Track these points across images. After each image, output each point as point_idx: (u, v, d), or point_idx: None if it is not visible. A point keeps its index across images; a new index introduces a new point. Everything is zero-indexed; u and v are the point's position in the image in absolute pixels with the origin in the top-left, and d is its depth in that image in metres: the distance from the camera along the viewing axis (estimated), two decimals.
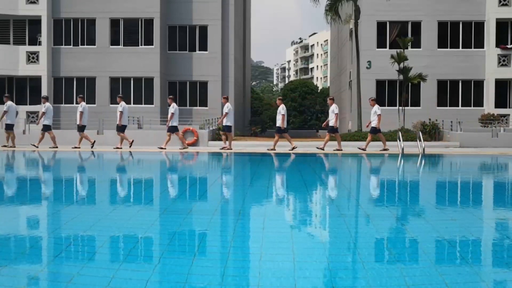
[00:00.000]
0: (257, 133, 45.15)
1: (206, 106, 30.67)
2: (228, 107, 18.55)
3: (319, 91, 71.72)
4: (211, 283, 3.30)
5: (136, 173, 11.90)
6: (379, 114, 17.84)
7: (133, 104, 29.76)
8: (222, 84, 31.05)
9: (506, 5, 29.29)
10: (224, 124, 18.63)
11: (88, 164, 14.38)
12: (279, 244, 4.34)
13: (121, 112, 18.52)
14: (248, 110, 46.68)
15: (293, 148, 17.99)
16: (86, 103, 29.52)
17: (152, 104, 28.98)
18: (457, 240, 4.60)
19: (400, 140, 16.64)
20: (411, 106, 29.17)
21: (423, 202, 7.14)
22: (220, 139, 24.98)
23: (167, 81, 30.82)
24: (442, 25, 30.01)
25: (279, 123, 18.01)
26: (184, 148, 19.02)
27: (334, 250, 4.29)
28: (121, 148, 18.31)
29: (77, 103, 20.05)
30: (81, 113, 18.69)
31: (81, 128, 18.72)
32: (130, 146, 18.36)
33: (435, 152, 17.79)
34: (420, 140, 16.93)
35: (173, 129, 18.62)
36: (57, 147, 18.47)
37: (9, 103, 18.91)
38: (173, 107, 18.58)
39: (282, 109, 18.06)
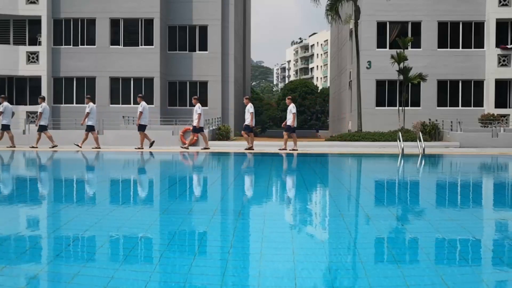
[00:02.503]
0: (257, 133, 45.16)
1: (206, 106, 30.65)
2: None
3: (319, 91, 71.77)
4: (211, 283, 3.30)
5: (137, 173, 11.90)
6: (294, 113, 17.91)
7: (133, 104, 29.76)
8: (222, 84, 31.06)
9: (506, 5, 29.29)
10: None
11: (92, 163, 14.37)
12: (274, 244, 4.33)
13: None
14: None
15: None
16: (86, 103, 29.69)
17: (152, 104, 28.96)
18: (457, 240, 4.60)
19: (400, 140, 16.64)
20: (411, 106, 29.18)
21: (423, 202, 7.14)
22: (220, 139, 25.01)
23: (167, 81, 30.83)
24: (442, 25, 30.02)
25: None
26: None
27: (334, 251, 4.29)
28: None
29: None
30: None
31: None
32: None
33: (435, 152, 17.79)
34: (420, 140, 16.93)
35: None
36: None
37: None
38: (89, 107, 18.54)
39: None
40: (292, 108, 17.98)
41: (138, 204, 6.77)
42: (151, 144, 18.13)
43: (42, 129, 18.64)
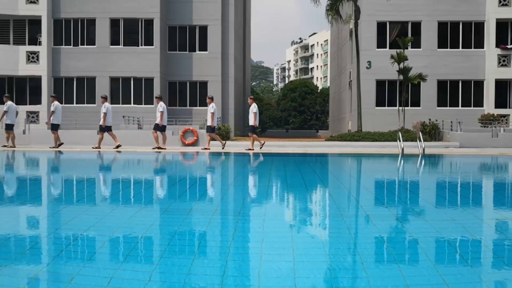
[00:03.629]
0: (257, 133, 45.13)
1: (206, 106, 30.63)
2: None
3: (319, 91, 71.74)
4: (211, 283, 3.30)
5: (141, 173, 11.90)
6: (255, 112, 18.01)
7: (133, 104, 29.77)
8: (222, 84, 31.06)
9: (506, 5, 29.29)
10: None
11: (95, 163, 14.37)
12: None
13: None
14: (248, 110, 46.67)
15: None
16: (86, 103, 29.75)
17: (152, 104, 28.94)
18: (457, 240, 4.60)
19: (400, 140, 16.64)
20: (411, 106, 29.18)
21: (423, 202, 7.14)
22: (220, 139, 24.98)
23: (167, 81, 30.83)
24: (442, 25, 30.02)
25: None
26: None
27: (334, 251, 4.29)
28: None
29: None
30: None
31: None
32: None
33: (435, 152, 17.79)
34: (420, 140, 16.93)
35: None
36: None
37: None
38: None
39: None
40: (253, 108, 18.17)
41: (129, 205, 6.77)
42: (117, 146, 18.04)
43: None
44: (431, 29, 29.90)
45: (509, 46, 29.39)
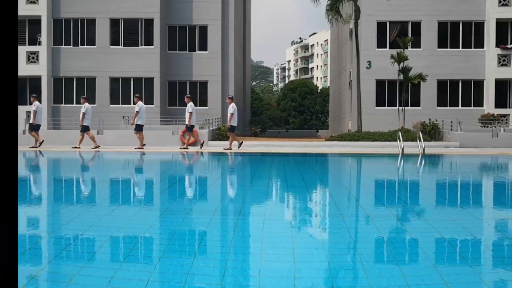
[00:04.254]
0: (257, 133, 45.16)
1: (206, 106, 30.68)
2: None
3: (319, 91, 71.77)
4: (211, 283, 3.30)
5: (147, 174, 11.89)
6: (232, 113, 18.07)
7: (133, 104, 29.74)
8: (222, 84, 31.06)
9: (506, 5, 29.29)
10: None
11: (97, 163, 14.38)
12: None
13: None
14: (248, 110, 46.68)
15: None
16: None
17: (152, 104, 28.97)
18: (457, 240, 4.60)
19: (400, 140, 16.64)
20: (411, 106, 29.17)
21: (423, 202, 7.14)
22: (220, 139, 25.00)
23: (167, 81, 30.83)
24: (442, 25, 30.01)
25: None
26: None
27: (334, 251, 4.29)
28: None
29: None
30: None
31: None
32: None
33: (435, 152, 17.79)
34: (420, 140, 16.93)
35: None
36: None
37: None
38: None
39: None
40: (230, 108, 18.18)
41: (124, 206, 6.77)
42: (96, 147, 18.12)
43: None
44: (431, 29, 29.90)
45: (509, 46, 29.38)
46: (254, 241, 4.54)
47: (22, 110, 28.64)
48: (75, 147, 18.43)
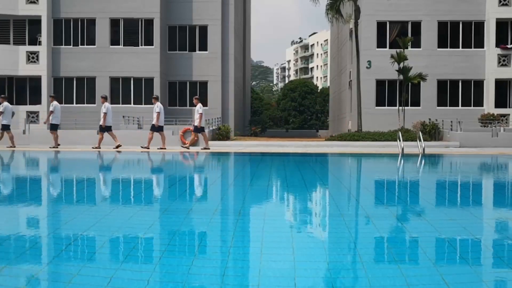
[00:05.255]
0: (257, 133, 45.17)
1: (206, 106, 30.67)
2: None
3: (319, 90, 71.76)
4: (211, 283, 3.30)
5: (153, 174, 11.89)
6: (201, 113, 18.01)
7: (133, 104, 29.77)
8: (222, 84, 31.07)
9: (506, 5, 29.30)
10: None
11: (96, 163, 14.38)
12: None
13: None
14: (248, 110, 46.68)
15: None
16: (86, 103, 29.74)
17: (152, 104, 28.95)
18: (457, 240, 4.60)
19: (400, 140, 16.64)
20: (411, 106, 29.18)
21: (423, 202, 7.14)
22: (220, 139, 25.00)
23: (167, 81, 30.84)
24: (442, 25, 30.01)
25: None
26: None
27: (334, 251, 4.29)
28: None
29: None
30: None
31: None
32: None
33: (435, 152, 17.79)
34: (420, 140, 16.93)
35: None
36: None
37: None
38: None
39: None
40: (198, 108, 18.17)
41: (128, 205, 6.77)
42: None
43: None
44: (431, 29, 29.90)
45: (509, 46, 29.39)
46: (254, 241, 4.54)
47: (22, 110, 28.68)
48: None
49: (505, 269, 3.67)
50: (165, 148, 18.18)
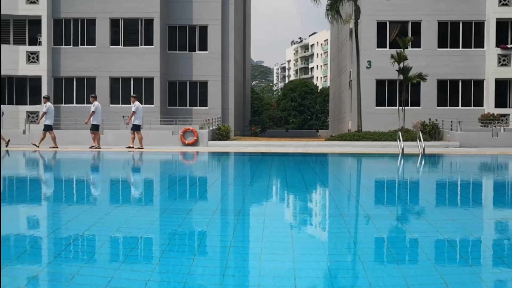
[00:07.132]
0: (257, 133, 45.16)
1: (206, 106, 30.71)
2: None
3: (319, 90, 71.77)
4: (211, 283, 3.30)
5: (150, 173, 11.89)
6: (133, 111, 18.25)
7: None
8: (222, 84, 31.05)
9: (506, 5, 29.28)
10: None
11: (94, 163, 14.38)
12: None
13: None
14: (248, 110, 46.67)
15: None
16: (86, 104, 29.68)
17: (152, 104, 28.97)
18: (457, 240, 4.60)
19: (400, 140, 16.64)
20: (411, 106, 29.17)
21: (423, 202, 7.14)
22: (220, 139, 25.00)
23: (167, 81, 30.83)
24: (442, 25, 30.00)
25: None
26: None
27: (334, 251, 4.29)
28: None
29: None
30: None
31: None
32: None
33: (435, 152, 17.79)
34: (420, 140, 16.93)
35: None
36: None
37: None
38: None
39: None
40: (132, 107, 18.30)
41: (121, 206, 6.77)
42: (7, 144, 18.22)
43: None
44: (431, 28, 29.89)
45: (509, 46, 29.38)
46: (254, 241, 4.55)
47: (22, 110, 28.69)
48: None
49: (505, 269, 3.67)
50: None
